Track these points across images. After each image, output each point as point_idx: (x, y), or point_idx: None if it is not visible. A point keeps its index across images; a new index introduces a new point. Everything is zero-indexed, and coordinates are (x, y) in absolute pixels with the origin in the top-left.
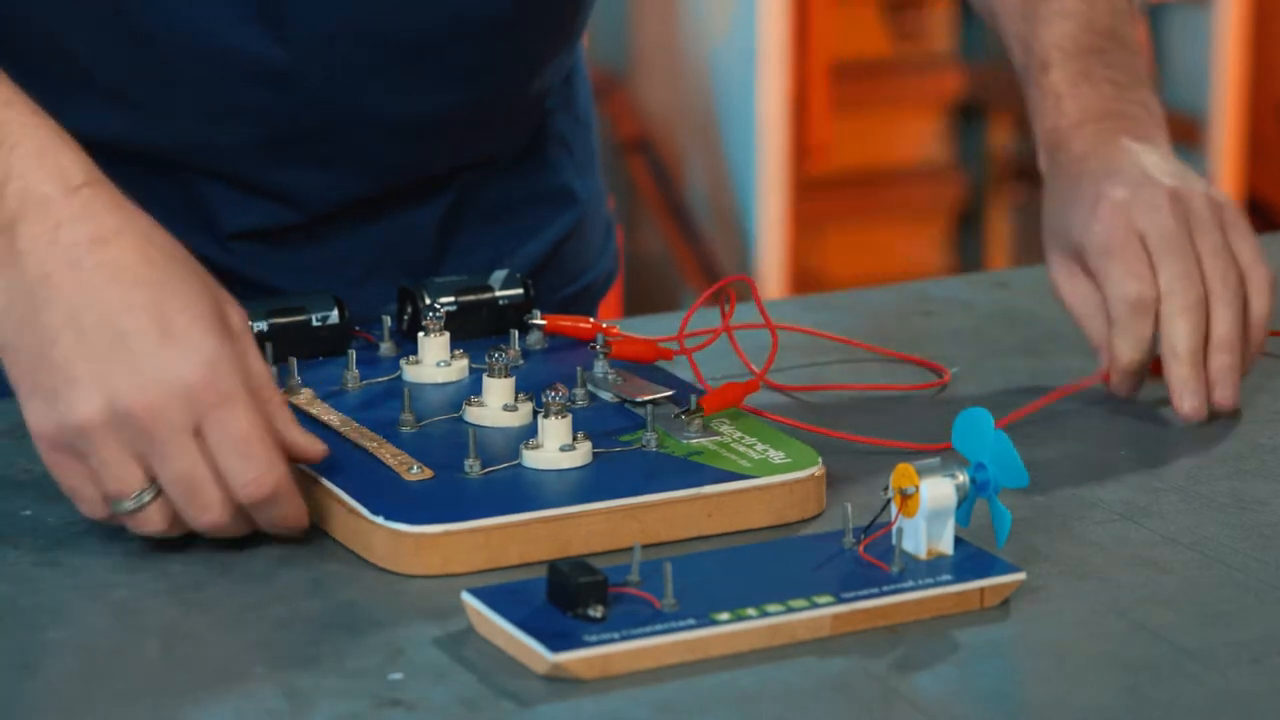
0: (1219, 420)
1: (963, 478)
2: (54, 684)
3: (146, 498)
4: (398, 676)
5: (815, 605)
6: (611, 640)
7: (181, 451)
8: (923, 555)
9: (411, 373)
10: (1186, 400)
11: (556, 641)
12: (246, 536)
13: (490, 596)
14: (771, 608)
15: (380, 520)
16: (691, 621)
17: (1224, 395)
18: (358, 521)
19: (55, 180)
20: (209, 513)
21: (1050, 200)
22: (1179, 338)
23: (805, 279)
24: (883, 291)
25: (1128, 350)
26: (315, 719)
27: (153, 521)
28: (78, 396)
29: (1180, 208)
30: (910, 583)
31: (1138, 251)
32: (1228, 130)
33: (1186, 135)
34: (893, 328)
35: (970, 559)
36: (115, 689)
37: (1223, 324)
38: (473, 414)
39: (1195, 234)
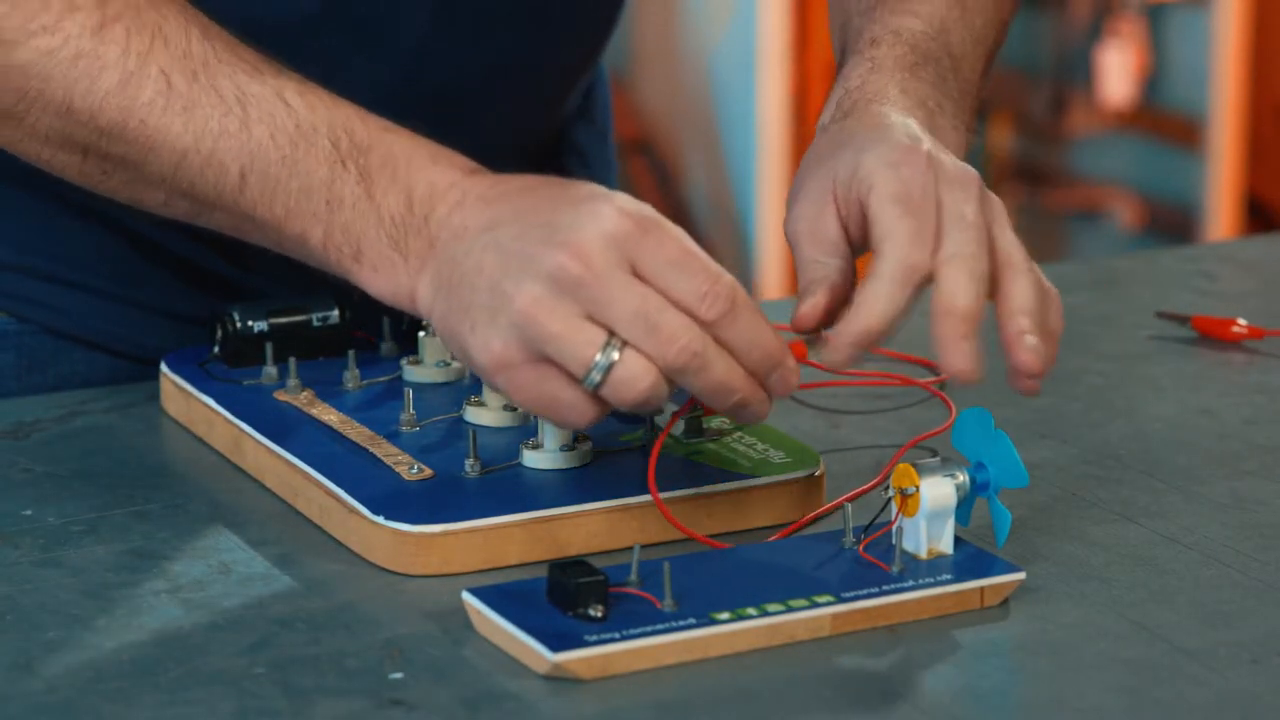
0: (1219, 421)
1: (963, 478)
2: (54, 684)
3: (614, 351)
4: (398, 676)
5: (815, 605)
6: (611, 640)
7: (626, 287)
8: (923, 555)
9: (411, 373)
10: (959, 357)
11: (557, 641)
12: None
13: (490, 596)
14: (771, 608)
15: (380, 520)
16: (691, 621)
17: (1029, 358)
18: (358, 521)
19: (455, 169)
20: (678, 339)
21: (836, 134)
22: (960, 295)
23: None
24: None
25: (881, 298)
26: (315, 719)
27: (636, 377)
28: (512, 290)
29: (985, 198)
30: (910, 582)
31: (932, 217)
32: (1228, 130)
33: (1186, 136)
34: None
35: (970, 559)
36: (115, 689)
37: (1024, 293)
38: (473, 414)
39: (993, 225)
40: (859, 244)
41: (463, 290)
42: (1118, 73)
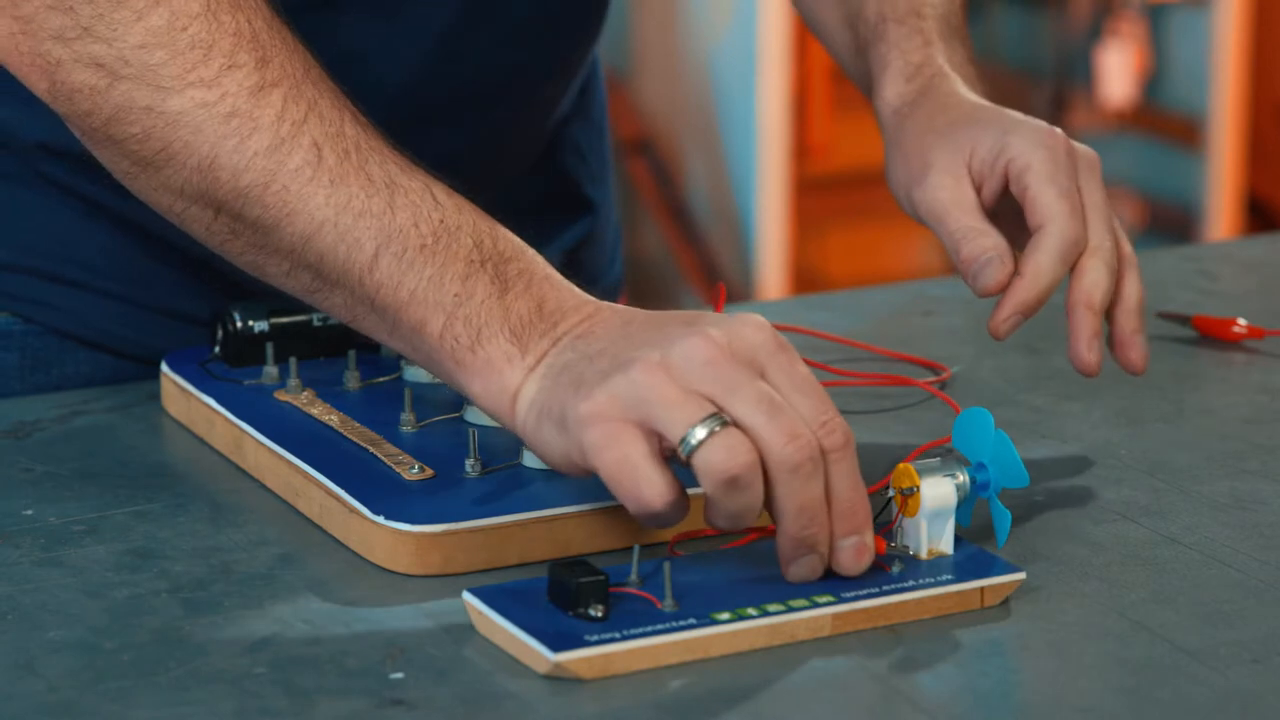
0: (1219, 420)
1: (963, 477)
2: (54, 684)
3: (717, 424)
4: (398, 676)
5: (815, 605)
6: (612, 640)
7: (753, 380)
8: (923, 555)
9: (412, 372)
10: (1095, 351)
11: (557, 641)
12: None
13: (491, 596)
14: (771, 608)
15: (380, 520)
16: (692, 621)
17: (1139, 357)
18: (358, 521)
19: (588, 295)
20: (800, 435)
21: (945, 111)
22: (1099, 290)
23: (805, 279)
24: (883, 291)
25: (1051, 271)
26: (316, 719)
27: (735, 451)
28: (637, 357)
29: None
30: (910, 582)
31: (1079, 200)
32: (1228, 130)
33: (1186, 135)
34: (893, 328)
35: (970, 559)
36: (115, 689)
37: (1136, 291)
38: (474, 414)
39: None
40: (988, 213)
41: (576, 369)
42: (1118, 73)
